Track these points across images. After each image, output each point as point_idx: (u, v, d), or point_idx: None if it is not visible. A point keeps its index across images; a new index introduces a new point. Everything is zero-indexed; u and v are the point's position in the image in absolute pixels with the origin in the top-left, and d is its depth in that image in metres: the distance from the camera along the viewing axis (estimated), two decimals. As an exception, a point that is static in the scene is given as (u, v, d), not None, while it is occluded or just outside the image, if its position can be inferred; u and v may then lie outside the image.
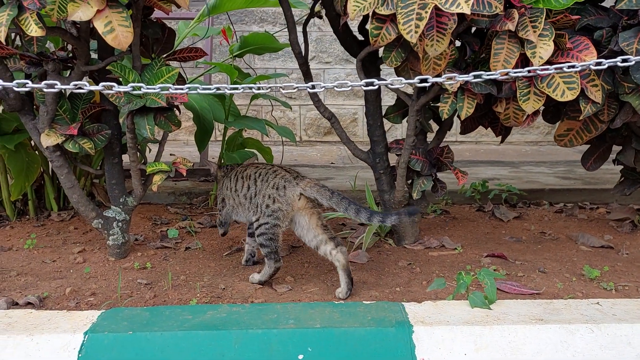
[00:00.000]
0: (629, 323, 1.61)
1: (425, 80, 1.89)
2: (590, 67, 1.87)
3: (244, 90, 1.87)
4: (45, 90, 1.84)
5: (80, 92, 1.83)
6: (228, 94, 3.10)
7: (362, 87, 1.92)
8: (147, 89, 1.84)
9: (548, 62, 1.91)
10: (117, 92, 1.89)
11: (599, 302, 1.77)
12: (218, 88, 1.84)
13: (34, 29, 1.76)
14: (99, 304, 1.88)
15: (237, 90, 1.86)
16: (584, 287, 2.01)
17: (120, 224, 2.28)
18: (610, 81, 2.07)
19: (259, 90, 1.86)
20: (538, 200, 3.22)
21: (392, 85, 1.89)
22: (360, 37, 2.50)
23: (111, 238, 2.28)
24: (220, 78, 4.85)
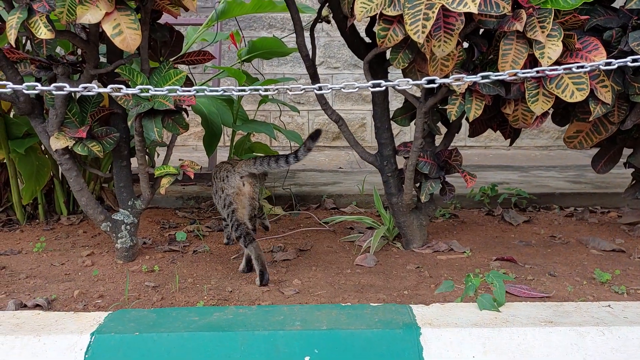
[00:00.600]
0: (641, 326, 1.59)
1: (432, 81, 1.88)
2: (600, 67, 1.85)
3: (251, 92, 1.88)
4: (54, 92, 1.85)
5: (89, 94, 1.84)
6: (236, 96, 3.11)
7: (369, 89, 1.92)
8: (155, 91, 1.85)
9: (557, 63, 1.90)
10: (125, 94, 1.90)
11: (610, 305, 1.75)
12: (225, 90, 1.85)
13: (43, 32, 1.78)
14: (106, 306, 1.88)
15: (244, 92, 1.86)
16: (595, 291, 1.99)
17: (128, 227, 2.28)
18: (620, 82, 2.05)
19: (266, 92, 1.86)
20: (548, 204, 3.19)
21: (399, 86, 1.89)
22: (368, 40, 2.50)
23: (119, 241, 2.28)
24: (229, 83, 4.87)
